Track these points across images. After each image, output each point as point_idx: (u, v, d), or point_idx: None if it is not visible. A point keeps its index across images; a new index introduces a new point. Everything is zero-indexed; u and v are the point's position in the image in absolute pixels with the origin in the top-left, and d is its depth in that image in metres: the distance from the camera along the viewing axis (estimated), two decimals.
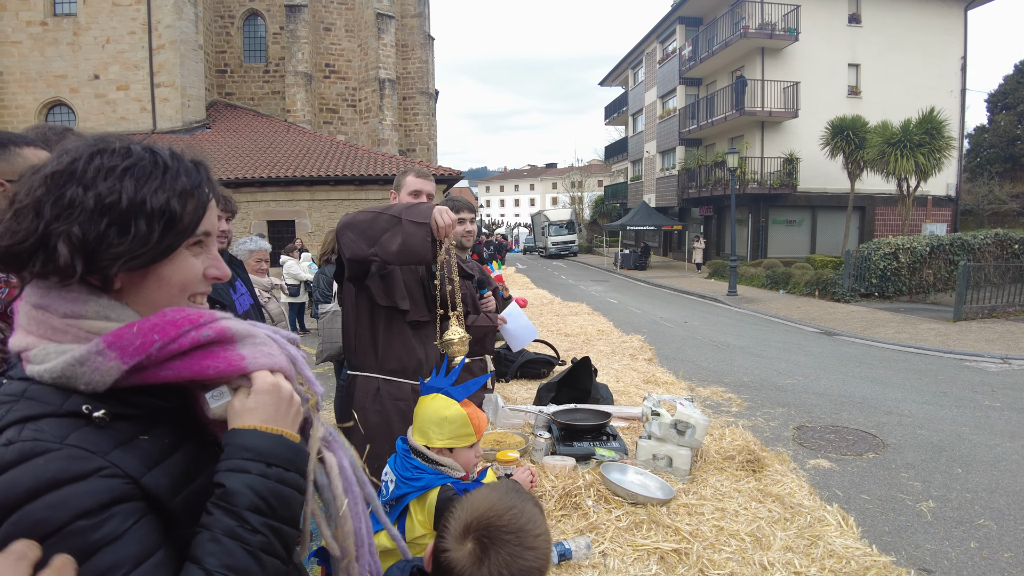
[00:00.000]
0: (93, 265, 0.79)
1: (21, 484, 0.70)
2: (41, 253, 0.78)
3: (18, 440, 0.73)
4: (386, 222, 2.28)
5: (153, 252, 0.83)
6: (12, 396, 0.78)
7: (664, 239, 34.66)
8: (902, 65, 23.91)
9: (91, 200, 0.78)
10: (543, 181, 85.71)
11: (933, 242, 16.40)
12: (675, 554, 1.76)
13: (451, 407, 1.66)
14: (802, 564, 1.76)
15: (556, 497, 2.02)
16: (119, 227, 0.80)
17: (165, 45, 22.56)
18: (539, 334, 4.89)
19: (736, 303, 16.65)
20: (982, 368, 8.85)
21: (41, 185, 0.78)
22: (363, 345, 2.56)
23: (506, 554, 0.97)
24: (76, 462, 0.72)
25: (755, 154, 23.89)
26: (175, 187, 0.85)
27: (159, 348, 0.80)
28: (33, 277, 0.80)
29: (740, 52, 24.25)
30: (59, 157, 0.81)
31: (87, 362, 0.78)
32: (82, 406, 0.77)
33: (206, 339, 0.83)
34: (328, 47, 26.88)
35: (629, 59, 36.68)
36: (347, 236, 2.34)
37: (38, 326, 0.81)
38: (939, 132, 18.32)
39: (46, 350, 0.79)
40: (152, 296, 0.86)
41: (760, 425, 6.22)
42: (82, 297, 0.81)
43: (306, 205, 18.96)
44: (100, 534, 0.71)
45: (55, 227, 0.77)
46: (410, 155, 28.33)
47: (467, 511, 1.02)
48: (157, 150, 0.87)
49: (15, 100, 22.87)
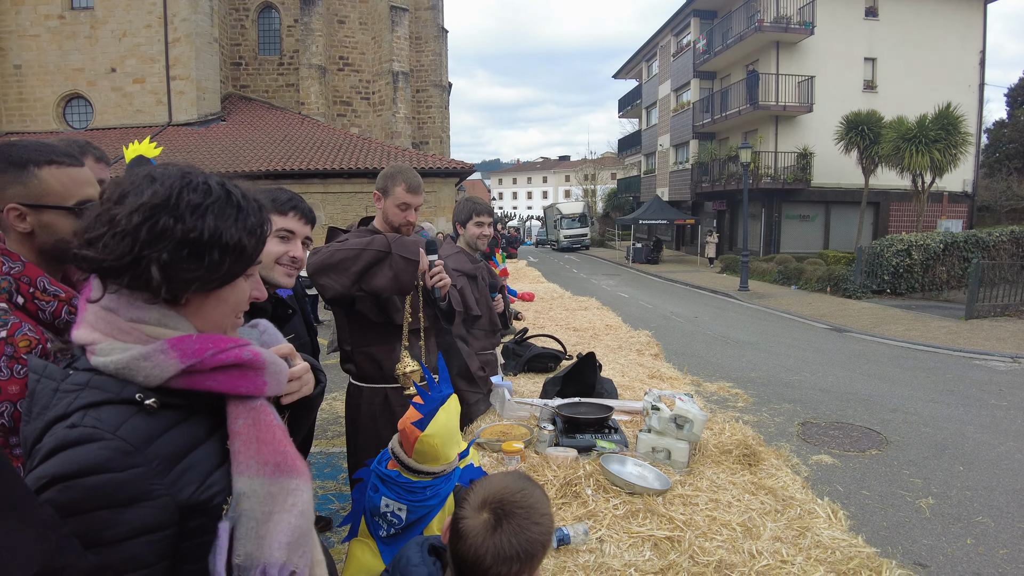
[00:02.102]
0: (172, 286, 0.93)
1: (75, 462, 0.84)
2: (131, 271, 0.91)
3: (81, 425, 0.86)
4: (372, 257, 2.33)
5: (221, 279, 0.99)
6: (79, 385, 0.91)
7: (677, 233, 34.56)
8: (919, 59, 23.65)
9: (179, 231, 0.92)
10: (556, 174, 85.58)
11: (947, 239, 16.29)
12: (668, 541, 1.87)
13: (451, 417, 1.70)
14: (789, 553, 1.86)
15: (557, 486, 2.13)
16: (198, 256, 0.93)
17: (181, 38, 22.77)
18: (545, 329, 4.99)
19: (747, 299, 16.66)
20: (991, 367, 8.85)
21: (139, 213, 0.91)
22: (365, 360, 2.60)
23: (516, 526, 1.13)
24: (119, 456, 0.86)
25: (769, 148, 23.75)
26: (245, 225, 0.99)
27: (211, 355, 0.94)
28: (119, 288, 0.94)
29: (755, 46, 24.09)
30: (153, 187, 0.93)
31: (151, 358, 0.92)
32: (136, 395, 0.90)
33: (246, 359, 0.98)
34: (342, 40, 26.99)
35: (643, 52, 36.49)
36: (325, 279, 2.35)
37: (106, 325, 0.94)
38: (955, 127, 18.14)
39: (112, 345, 0.93)
40: (210, 313, 1.01)
41: (765, 421, 6.30)
42: (146, 306, 0.95)
43: (320, 198, 19.12)
44: (113, 532, 0.85)
45: (148, 252, 0.90)
46: (423, 148, 28.44)
47: (486, 488, 1.19)
48: (231, 189, 1.00)
49: (33, 93, 23.20)
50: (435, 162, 20.36)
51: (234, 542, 0.93)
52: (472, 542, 1.12)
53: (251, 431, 0.98)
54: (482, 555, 1.11)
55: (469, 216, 3.53)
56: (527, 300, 7.22)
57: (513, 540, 1.11)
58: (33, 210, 1.39)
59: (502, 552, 1.11)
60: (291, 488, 0.98)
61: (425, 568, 1.15)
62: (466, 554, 1.13)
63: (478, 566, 1.12)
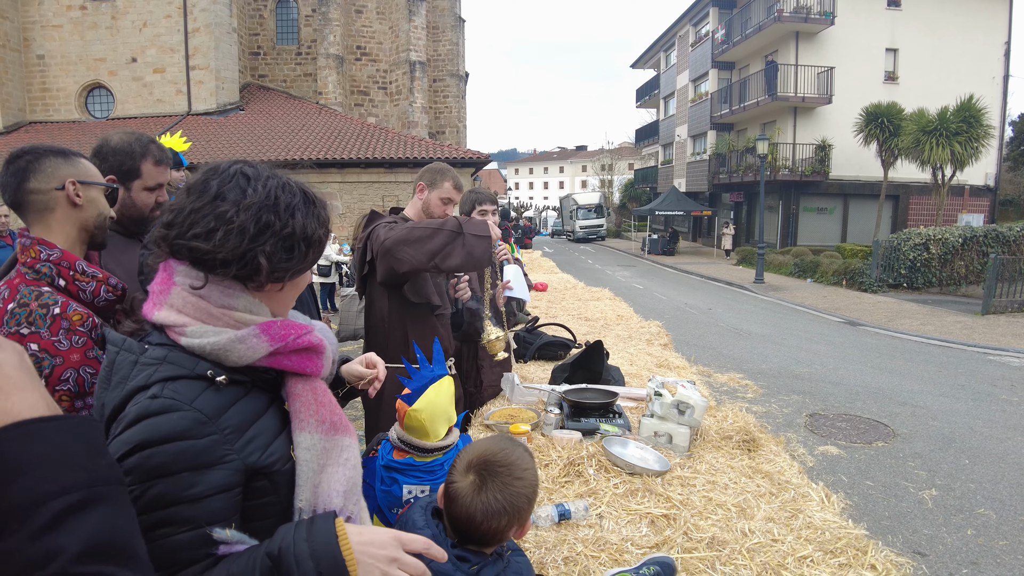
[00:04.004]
0: (271, 276, 1.07)
1: (161, 430, 0.95)
2: (239, 262, 1.03)
3: (161, 396, 0.98)
4: (446, 237, 2.51)
5: (304, 267, 1.13)
6: (156, 360, 1.03)
7: (693, 225, 34.39)
8: (942, 50, 23.28)
9: (278, 227, 1.06)
10: (573, 164, 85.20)
11: (966, 233, 16.13)
12: (664, 519, 1.97)
13: (441, 396, 1.75)
14: (780, 533, 1.94)
15: (561, 465, 2.24)
16: (289, 248, 1.08)
17: (200, 28, 22.99)
18: (557, 318, 5.10)
19: (762, 291, 16.62)
20: (1005, 362, 8.82)
21: (248, 211, 1.04)
22: (396, 342, 2.74)
23: (499, 482, 1.25)
24: (197, 425, 0.97)
25: (787, 140, 23.56)
26: (320, 219, 1.13)
27: (293, 339, 1.08)
28: (226, 278, 1.06)
29: (774, 36, 23.85)
30: (252, 186, 1.06)
31: (245, 340, 1.04)
32: (207, 371, 1.02)
33: (315, 343, 1.13)
34: (359, 29, 27.09)
35: (661, 41, 36.22)
36: (404, 252, 2.52)
37: (195, 310, 1.05)
38: (978, 120, 17.88)
39: (204, 328, 1.04)
40: (286, 298, 1.16)
41: (773, 411, 6.36)
42: (236, 293, 1.07)
43: (337, 187, 19.30)
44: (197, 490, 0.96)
45: (254, 246, 1.03)
46: (439, 137, 28.52)
47: (470, 452, 1.31)
48: (304, 188, 1.14)
49: (56, 83, 23.55)
50: (451, 152, 20.42)
51: (295, 489, 1.07)
52: (462, 503, 1.24)
53: (310, 396, 1.12)
54: (472, 513, 1.23)
55: (472, 207, 3.64)
56: (540, 290, 7.31)
57: (499, 495, 1.23)
58: (84, 186, 1.65)
59: (489, 508, 1.23)
60: (344, 445, 1.13)
61: (429, 530, 1.26)
62: (459, 514, 1.25)
63: (471, 523, 1.24)
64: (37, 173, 1.59)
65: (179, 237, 1.04)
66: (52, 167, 1.60)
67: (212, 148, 19.54)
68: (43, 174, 1.59)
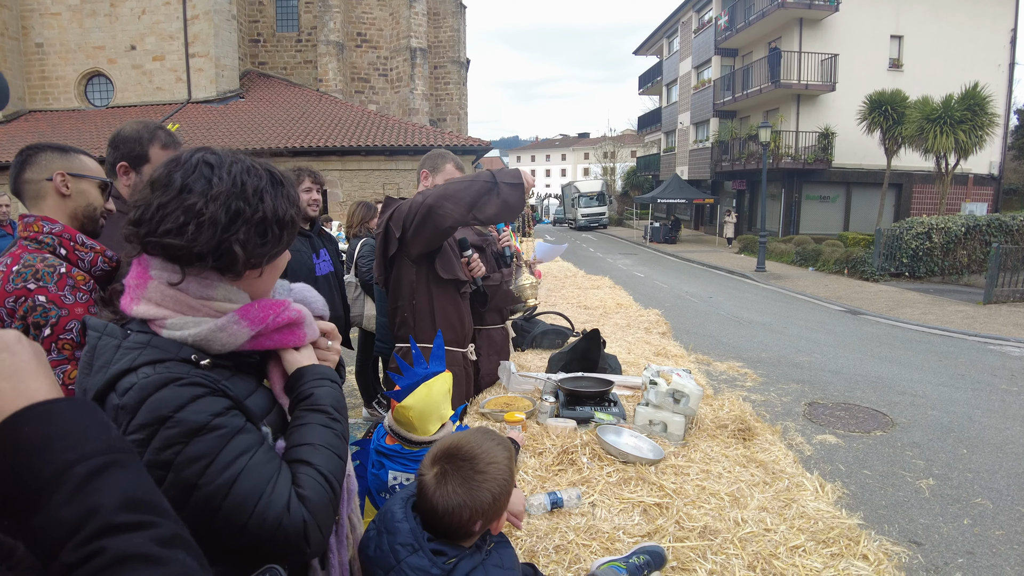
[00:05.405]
0: (248, 263, 1.06)
1: (171, 401, 0.95)
2: (214, 253, 1.03)
3: (154, 373, 0.97)
4: (481, 188, 2.55)
5: (279, 250, 1.12)
6: (140, 344, 1.02)
7: (696, 213, 34.30)
8: (948, 37, 23.06)
9: (249, 212, 1.05)
10: (575, 151, 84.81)
11: (969, 222, 16.05)
12: (657, 507, 1.97)
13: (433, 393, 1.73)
14: (773, 522, 1.94)
15: (555, 454, 2.24)
16: (262, 233, 1.07)
17: (199, 16, 22.85)
18: (556, 307, 5.09)
19: (763, 279, 16.60)
20: (1005, 352, 8.80)
21: (216, 201, 1.03)
22: (422, 318, 2.76)
23: (460, 476, 1.22)
24: (201, 387, 0.98)
25: (790, 128, 23.42)
26: (290, 199, 1.12)
27: (272, 320, 1.09)
28: (204, 270, 1.05)
29: (778, 22, 23.63)
30: (216, 175, 1.05)
31: (226, 328, 1.05)
32: (191, 355, 1.02)
33: (294, 318, 1.14)
34: (360, 16, 26.90)
35: (664, 28, 35.93)
36: (445, 207, 2.54)
37: (173, 303, 1.05)
38: (982, 108, 17.73)
39: (184, 320, 1.04)
40: (266, 281, 1.15)
41: (772, 400, 6.37)
42: (213, 283, 1.07)
43: (338, 175, 19.26)
44: (233, 425, 0.98)
45: (227, 235, 1.02)
46: (440, 125, 28.40)
47: (438, 446, 1.29)
48: (270, 169, 1.13)
49: (55, 71, 23.46)
50: (452, 139, 20.35)
51: None
52: (426, 495, 1.23)
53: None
54: (434, 506, 1.21)
55: None
56: (535, 278, 7.28)
57: (458, 489, 1.20)
58: (74, 179, 1.84)
59: (448, 502, 1.20)
60: None
61: (407, 524, 1.23)
62: (424, 507, 1.24)
63: (433, 516, 1.22)
64: (32, 165, 1.81)
65: (150, 235, 1.02)
66: (46, 160, 1.81)
67: (212, 136, 19.48)
68: (37, 166, 1.81)
